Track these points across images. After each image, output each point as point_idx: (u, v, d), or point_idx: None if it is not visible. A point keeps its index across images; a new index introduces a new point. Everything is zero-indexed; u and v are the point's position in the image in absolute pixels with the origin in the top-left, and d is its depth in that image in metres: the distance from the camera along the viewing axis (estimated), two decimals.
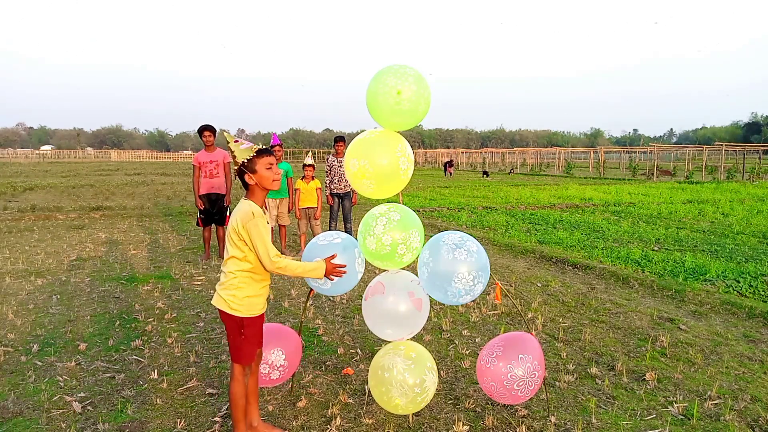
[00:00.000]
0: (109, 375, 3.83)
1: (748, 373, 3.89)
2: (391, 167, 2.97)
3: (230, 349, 2.85)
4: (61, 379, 3.75)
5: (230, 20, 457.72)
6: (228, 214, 7.95)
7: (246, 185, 2.81)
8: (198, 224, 7.88)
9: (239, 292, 2.75)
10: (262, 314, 2.91)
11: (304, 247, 8.84)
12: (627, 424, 3.19)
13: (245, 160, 2.76)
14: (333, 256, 2.91)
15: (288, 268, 2.73)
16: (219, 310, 2.81)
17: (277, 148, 8.22)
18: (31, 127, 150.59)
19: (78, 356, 4.14)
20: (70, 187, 18.54)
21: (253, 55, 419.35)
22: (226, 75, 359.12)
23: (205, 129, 7.66)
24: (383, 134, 3.03)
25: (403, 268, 3.24)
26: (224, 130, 2.89)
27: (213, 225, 7.87)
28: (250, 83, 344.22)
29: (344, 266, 2.93)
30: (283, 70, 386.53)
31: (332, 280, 2.94)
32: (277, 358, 3.22)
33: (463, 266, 2.85)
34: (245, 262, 2.74)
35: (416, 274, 3.15)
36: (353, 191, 8.53)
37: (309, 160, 8.31)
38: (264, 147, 2.80)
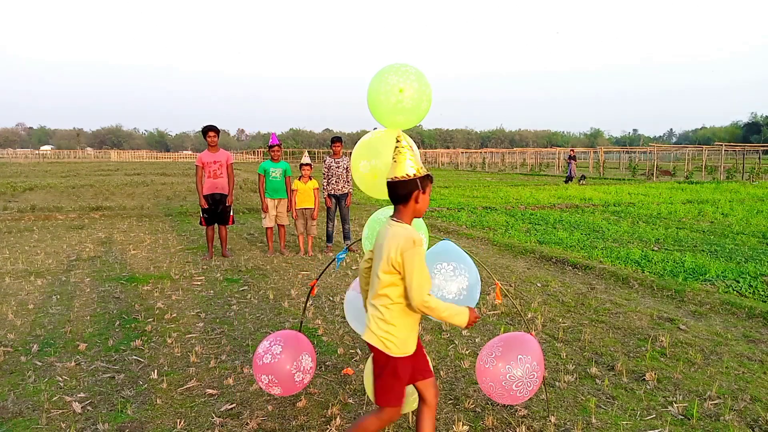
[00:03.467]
0: (108, 375, 3.83)
1: (748, 373, 3.89)
2: None
3: (376, 389, 2.57)
4: (60, 379, 3.75)
5: (230, 19, 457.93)
6: (231, 213, 7.97)
7: (401, 201, 2.44)
8: (201, 223, 7.90)
9: (393, 329, 2.44)
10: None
11: (303, 247, 8.82)
12: (627, 424, 3.19)
13: (424, 176, 2.44)
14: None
15: (437, 309, 2.38)
16: (370, 345, 2.53)
17: (276, 148, 8.23)
18: (30, 127, 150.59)
19: (78, 356, 4.14)
20: (69, 187, 18.52)
21: (253, 55, 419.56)
22: (226, 75, 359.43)
23: (210, 129, 7.69)
24: (388, 133, 3.04)
25: None
26: (399, 133, 2.54)
27: (216, 225, 7.88)
28: (250, 83, 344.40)
29: (480, 317, 2.80)
30: (283, 70, 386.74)
31: (466, 328, 2.75)
32: (307, 363, 3.24)
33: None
34: (398, 294, 2.42)
35: None
36: (350, 192, 8.53)
37: (306, 160, 8.30)
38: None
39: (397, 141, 2.49)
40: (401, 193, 2.42)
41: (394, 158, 2.46)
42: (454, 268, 2.95)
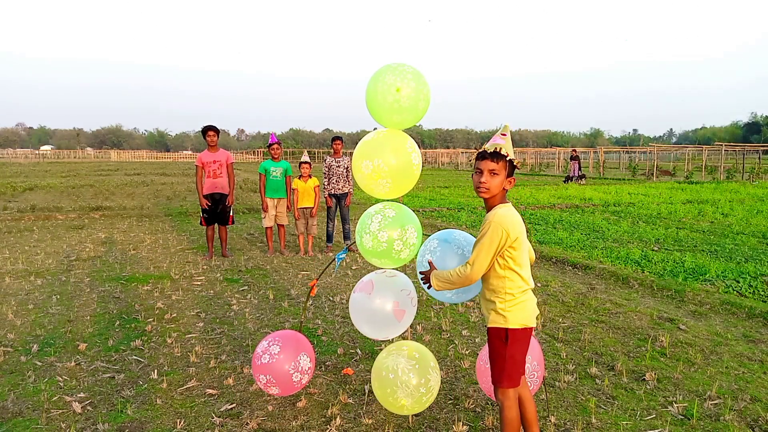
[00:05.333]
0: (109, 375, 3.83)
1: (748, 373, 3.89)
2: (405, 163, 2.97)
3: (492, 368, 2.65)
4: (61, 379, 3.75)
5: (230, 19, 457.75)
6: (231, 213, 7.97)
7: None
8: (201, 223, 7.91)
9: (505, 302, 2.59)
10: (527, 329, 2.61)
11: (303, 247, 8.79)
12: (627, 424, 3.19)
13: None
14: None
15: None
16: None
17: (275, 146, 8.22)
18: (30, 127, 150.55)
19: (78, 356, 4.14)
20: (69, 187, 18.52)
21: (254, 55, 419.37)
22: (226, 74, 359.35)
23: (209, 129, 7.70)
24: (390, 133, 3.04)
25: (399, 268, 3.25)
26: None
27: (216, 225, 7.88)
28: (250, 83, 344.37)
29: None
30: (284, 69, 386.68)
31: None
32: (305, 363, 3.25)
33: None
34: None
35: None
36: (350, 192, 8.52)
37: (305, 158, 8.30)
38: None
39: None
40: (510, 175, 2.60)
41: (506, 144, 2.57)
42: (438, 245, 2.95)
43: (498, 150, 2.50)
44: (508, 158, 2.51)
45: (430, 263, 2.81)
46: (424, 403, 3.03)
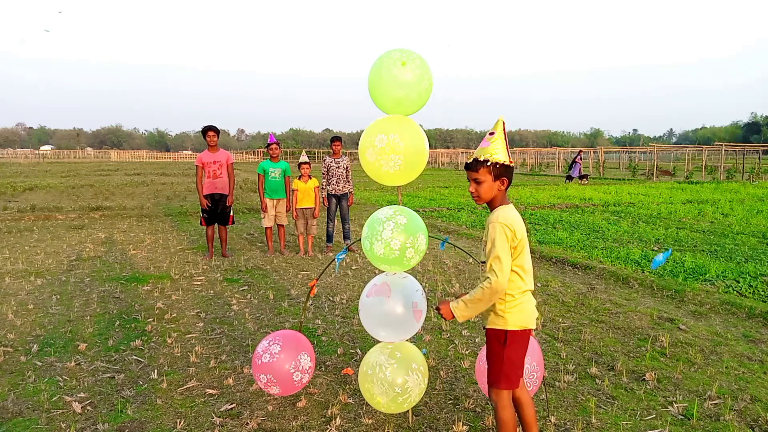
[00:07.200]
0: (108, 375, 3.83)
1: (748, 373, 3.89)
2: (418, 145, 2.96)
3: (490, 369, 2.63)
4: (60, 379, 3.75)
5: (230, 18, 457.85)
6: (231, 213, 7.97)
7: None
8: (201, 223, 7.92)
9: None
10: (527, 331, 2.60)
11: (303, 247, 8.78)
12: (627, 424, 3.19)
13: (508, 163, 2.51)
14: None
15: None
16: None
17: (273, 146, 8.22)
18: (30, 127, 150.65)
19: (78, 356, 4.14)
20: (69, 187, 18.52)
21: (254, 54, 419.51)
22: (226, 74, 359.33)
23: (209, 129, 7.70)
24: (403, 117, 3.04)
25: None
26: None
27: (216, 225, 7.88)
28: (250, 83, 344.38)
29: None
30: (284, 69, 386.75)
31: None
32: (306, 363, 3.25)
33: None
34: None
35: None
36: (350, 192, 8.52)
37: (304, 158, 8.29)
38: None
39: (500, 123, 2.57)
40: (500, 177, 2.53)
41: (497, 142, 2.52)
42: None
43: (477, 158, 2.51)
44: (488, 163, 2.49)
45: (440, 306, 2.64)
46: (401, 404, 3.00)
